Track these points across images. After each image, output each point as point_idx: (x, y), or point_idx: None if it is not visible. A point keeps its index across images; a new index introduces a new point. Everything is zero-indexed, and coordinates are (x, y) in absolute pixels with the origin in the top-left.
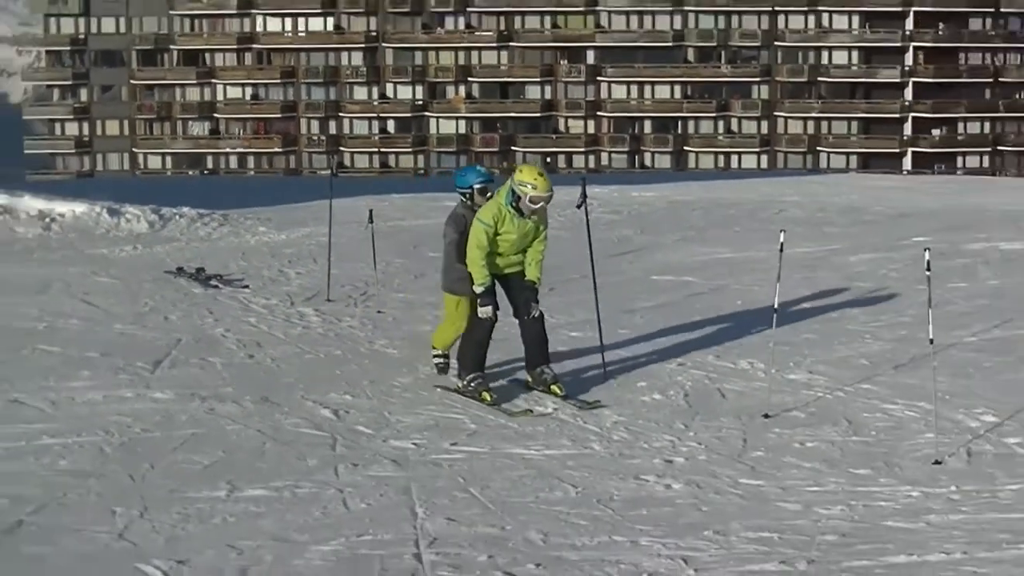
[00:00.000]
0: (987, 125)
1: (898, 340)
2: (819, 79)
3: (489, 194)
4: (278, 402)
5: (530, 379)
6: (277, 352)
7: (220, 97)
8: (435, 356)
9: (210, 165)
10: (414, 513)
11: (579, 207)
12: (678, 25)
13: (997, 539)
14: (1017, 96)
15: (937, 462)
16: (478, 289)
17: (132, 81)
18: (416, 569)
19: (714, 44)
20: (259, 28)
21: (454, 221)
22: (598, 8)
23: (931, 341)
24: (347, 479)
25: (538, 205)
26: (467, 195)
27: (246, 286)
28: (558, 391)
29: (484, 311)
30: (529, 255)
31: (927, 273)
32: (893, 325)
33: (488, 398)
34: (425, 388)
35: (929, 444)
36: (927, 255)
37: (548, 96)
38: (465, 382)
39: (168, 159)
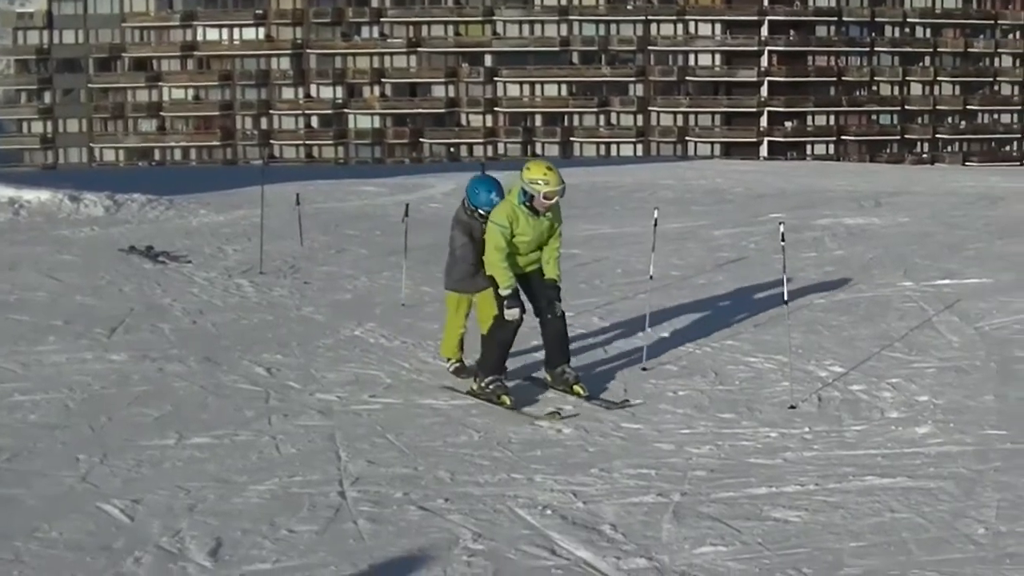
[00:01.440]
0: (832, 118)
1: (757, 302)
2: (687, 79)
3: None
4: (219, 362)
5: (549, 378)
6: (217, 318)
7: (166, 98)
8: (449, 365)
9: (158, 157)
10: (338, 456)
11: None
12: (564, 32)
13: (844, 472)
14: (858, 93)
15: (792, 407)
16: (504, 292)
17: (90, 85)
18: (340, 504)
19: (595, 48)
20: (200, 37)
21: (460, 226)
22: (494, 18)
23: (785, 302)
24: (279, 428)
25: (553, 200)
26: (475, 212)
27: (189, 261)
28: (581, 391)
29: (512, 314)
30: (546, 253)
31: (781, 244)
32: (753, 289)
33: (507, 402)
34: (346, 348)
35: (785, 392)
36: (781, 229)
37: (452, 95)
38: (483, 384)
39: (121, 152)
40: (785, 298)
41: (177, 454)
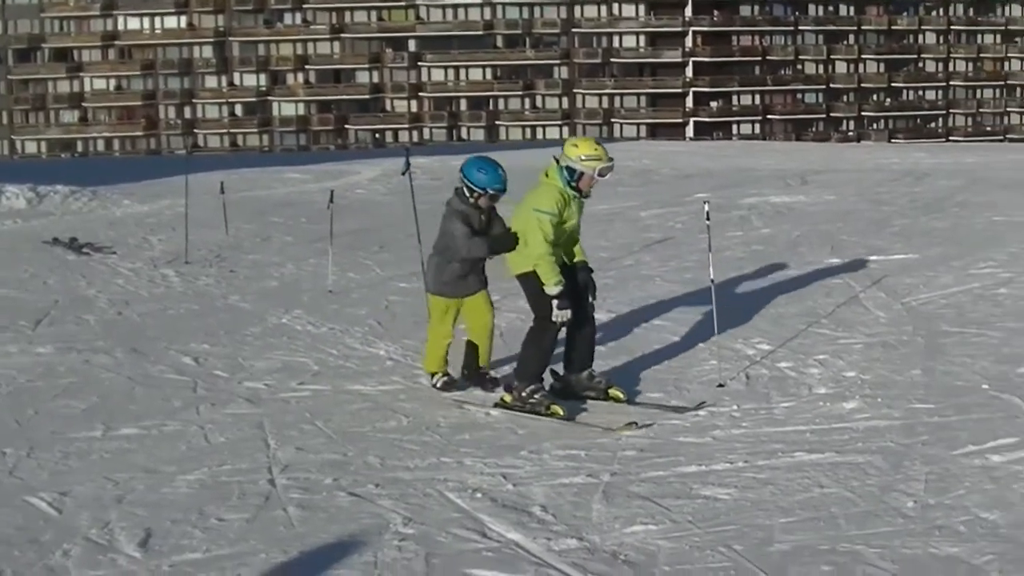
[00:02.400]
0: (757, 97)
1: (684, 282)
2: (611, 60)
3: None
4: (145, 352)
5: (574, 382)
6: (143, 309)
7: (88, 89)
8: (435, 380)
9: (80, 148)
10: (267, 444)
11: (404, 174)
12: (488, 16)
13: (773, 448)
14: (782, 72)
15: (720, 385)
16: (553, 290)
17: (9, 77)
18: (270, 492)
19: (519, 32)
20: (121, 27)
21: (458, 216)
22: (418, 3)
23: (712, 281)
24: (207, 417)
25: (605, 177)
26: (472, 193)
27: (114, 252)
28: (620, 395)
29: (564, 314)
30: (573, 235)
31: (707, 223)
32: (679, 269)
33: (560, 412)
34: (273, 335)
35: (713, 370)
36: (706, 208)
37: (376, 80)
38: (524, 394)
39: (43, 144)
40: (711, 277)
41: (105, 445)
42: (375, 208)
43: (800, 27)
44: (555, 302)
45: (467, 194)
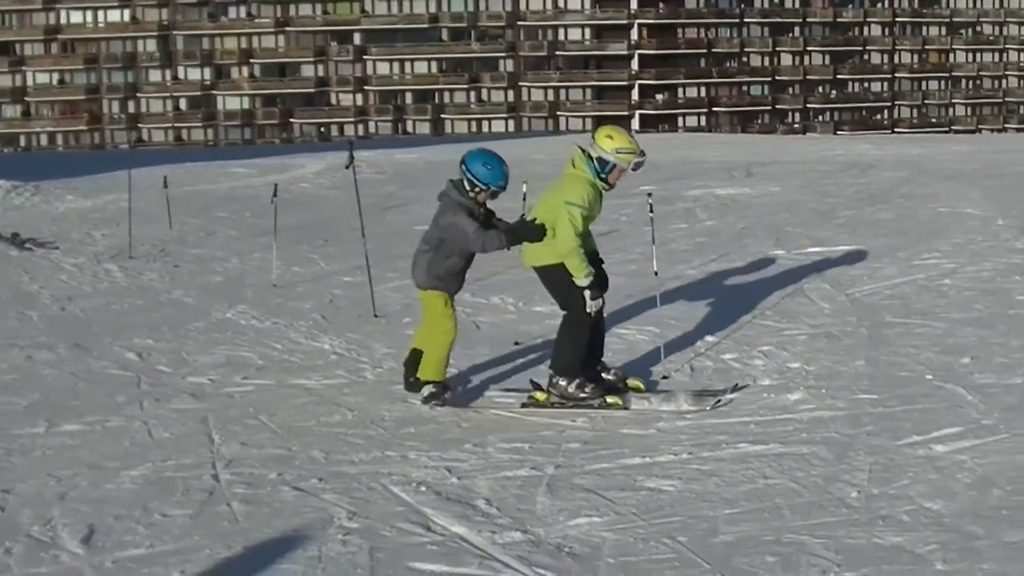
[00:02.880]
0: (703, 90)
1: (629, 274)
2: (557, 53)
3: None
4: (89, 348)
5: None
6: (87, 304)
7: (30, 83)
8: (433, 394)
9: (23, 143)
10: (211, 439)
11: (347, 168)
12: (433, 9)
13: (717, 440)
14: (728, 64)
15: (665, 377)
16: (585, 281)
17: None
18: (214, 487)
19: (465, 25)
20: (63, 20)
21: (461, 209)
22: None
23: (656, 274)
24: (151, 412)
25: (639, 171)
26: (474, 187)
27: (57, 247)
28: (640, 385)
29: (597, 304)
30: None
31: (651, 216)
32: (624, 261)
33: (620, 402)
34: (217, 330)
35: (658, 362)
36: (650, 200)
37: (321, 74)
38: (572, 390)
39: None
40: (655, 269)
41: (47, 442)
42: (319, 202)
43: (746, 19)
44: (587, 293)
45: (467, 187)
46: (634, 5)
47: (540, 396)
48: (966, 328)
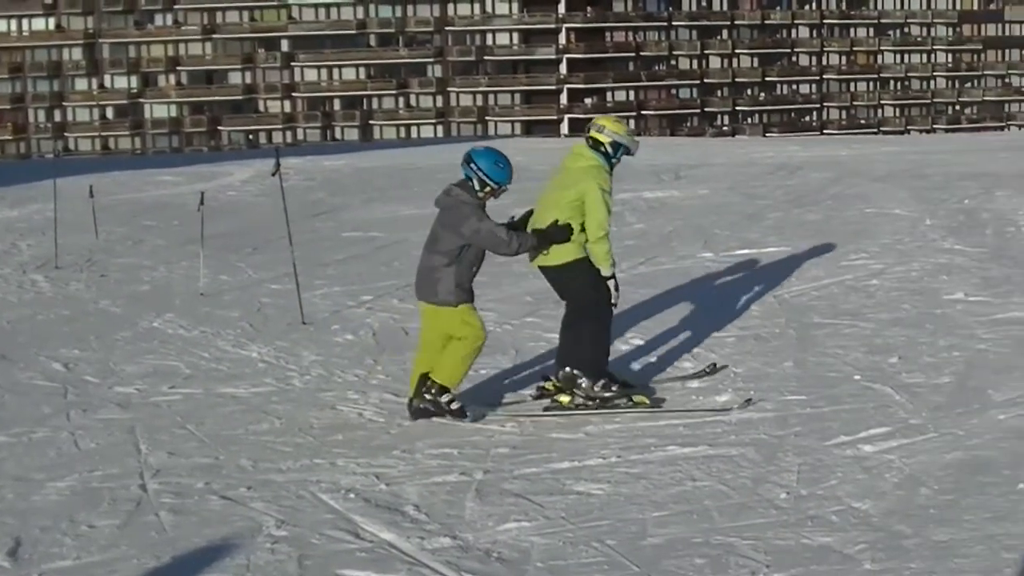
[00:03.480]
0: (631, 93)
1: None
2: (485, 58)
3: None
4: (14, 359)
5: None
6: (12, 315)
7: None
8: (448, 396)
9: None
10: (139, 449)
11: (273, 175)
12: (361, 15)
13: (646, 443)
14: (656, 67)
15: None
16: (612, 271)
17: None
18: (141, 497)
19: (393, 31)
20: None
21: (475, 210)
22: (290, 2)
23: None
24: (78, 423)
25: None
26: (485, 187)
27: None
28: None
29: (618, 295)
30: None
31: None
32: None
33: (647, 400)
34: (144, 339)
35: None
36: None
37: (248, 81)
38: (598, 389)
39: None
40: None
41: None
42: (247, 209)
43: (674, 22)
44: (612, 283)
45: (476, 187)
46: (562, 9)
47: (565, 399)
48: (894, 328)
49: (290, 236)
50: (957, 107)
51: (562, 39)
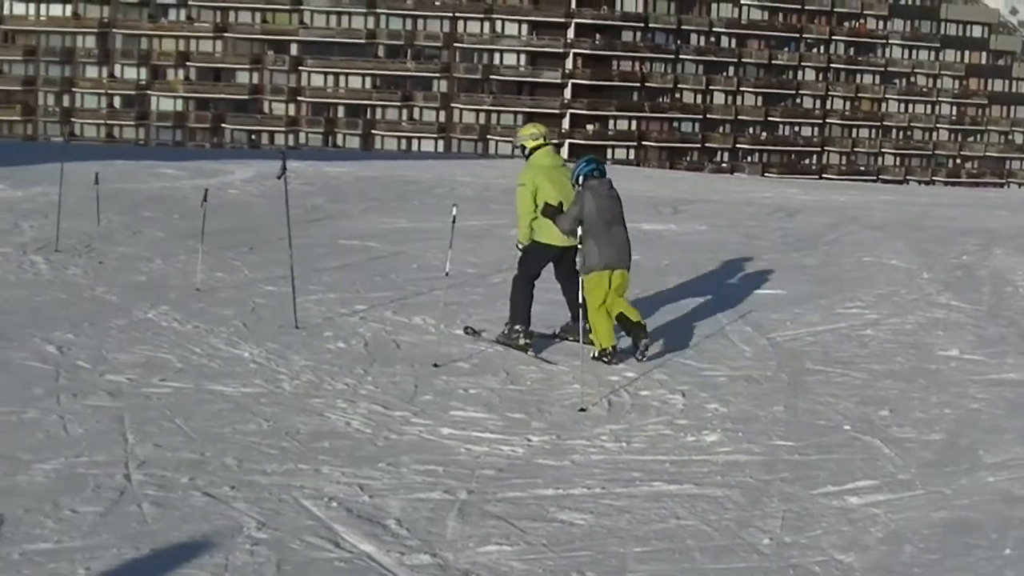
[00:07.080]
0: (633, 123)
1: (551, 303)
2: (491, 77)
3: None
4: (9, 338)
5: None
6: (9, 294)
7: None
8: (608, 352)
9: None
10: (126, 439)
11: (279, 178)
12: (371, 25)
13: (631, 476)
14: (660, 99)
15: (582, 409)
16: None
17: None
18: (125, 487)
19: (401, 43)
20: (6, 11)
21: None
22: (302, 7)
23: (581, 305)
24: (68, 407)
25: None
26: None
27: None
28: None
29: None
30: None
31: (578, 246)
32: (548, 290)
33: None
34: (138, 330)
35: (576, 394)
36: (579, 231)
37: (255, 81)
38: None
39: None
40: (581, 301)
41: None
42: (247, 209)
43: (681, 56)
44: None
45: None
46: (571, 34)
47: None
48: (886, 380)
49: (289, 239)
50: (958, 160)
51: (569, 64)
